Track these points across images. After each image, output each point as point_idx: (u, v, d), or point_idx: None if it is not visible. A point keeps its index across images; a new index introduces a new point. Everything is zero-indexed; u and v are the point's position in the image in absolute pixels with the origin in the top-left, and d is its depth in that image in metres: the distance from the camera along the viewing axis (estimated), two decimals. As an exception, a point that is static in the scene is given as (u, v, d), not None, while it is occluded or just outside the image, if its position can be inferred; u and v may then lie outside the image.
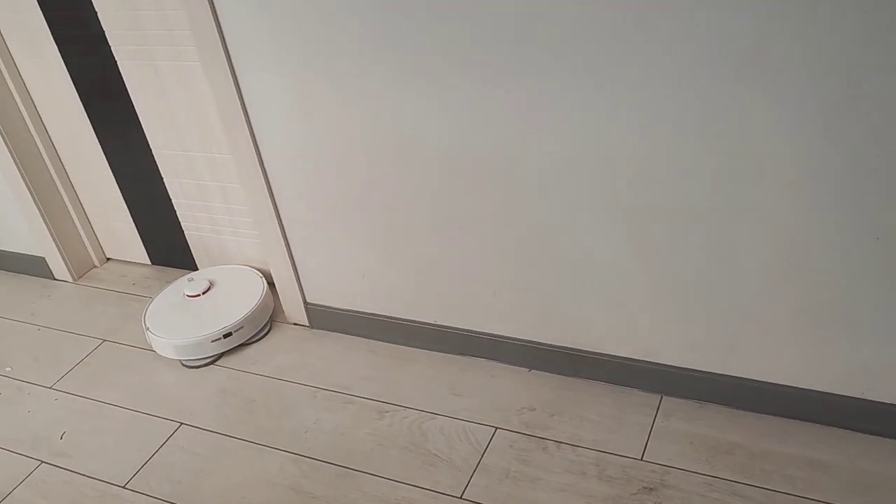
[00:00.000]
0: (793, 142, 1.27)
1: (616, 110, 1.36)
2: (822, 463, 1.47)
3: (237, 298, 2.06)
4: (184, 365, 1.98)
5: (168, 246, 2.33)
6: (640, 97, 1.33)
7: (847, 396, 1.49)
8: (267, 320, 2.07)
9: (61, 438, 1.82)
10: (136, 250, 2.41)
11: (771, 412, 1.58)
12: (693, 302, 1.52)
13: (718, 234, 1.42)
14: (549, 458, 1.57)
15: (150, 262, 2.42)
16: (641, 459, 1.53)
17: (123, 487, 1.67)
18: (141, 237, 2.36)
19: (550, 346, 1.74)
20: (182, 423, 1.81)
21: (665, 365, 1.63)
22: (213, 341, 1.96)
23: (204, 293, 2.09)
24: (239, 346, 2.01)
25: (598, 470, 1.52)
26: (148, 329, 2.00)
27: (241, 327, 1.99)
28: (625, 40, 1.28)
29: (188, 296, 2.09)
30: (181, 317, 2.03)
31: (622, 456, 1.54)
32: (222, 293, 2.10)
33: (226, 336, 1.97)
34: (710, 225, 1.41)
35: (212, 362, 1.98)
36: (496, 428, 1.66)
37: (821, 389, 1.51)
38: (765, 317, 1.48)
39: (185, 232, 2.25)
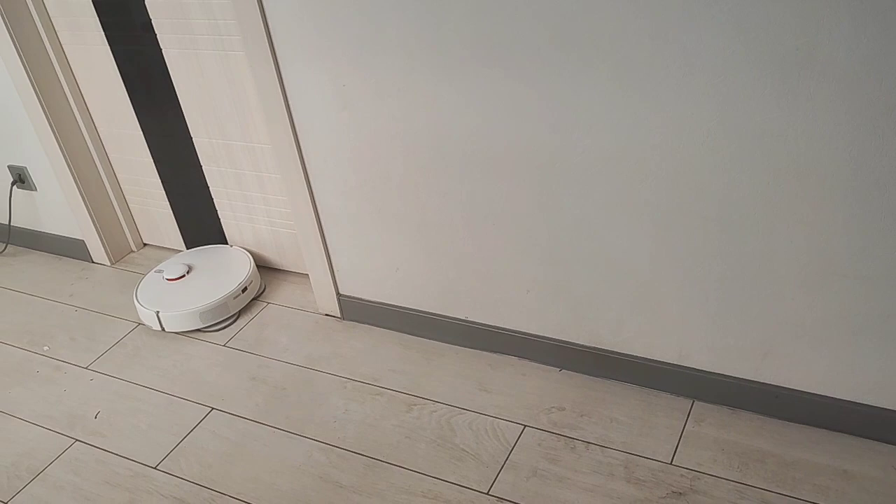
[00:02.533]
0: (836, 144, 1.25)
1: (654, 109, 1.35)
2: (853, 474, 1.45)
3: (227, 268, 2.20)
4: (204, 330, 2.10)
5: (204, 233, 2.36)
6: (680, 96, 1.32)
7: (881, 408, 1.47)
8: (260, 281, 2.24)
9: (96, 418, 1.86)
10: (172, 236, 2.44)
11: (803, 421, 1.56)
12: (727, 306, 1.51)
13: (756, 237, 1.40)
14: (577, 457, 1.57)
15: (185, 249, 2.45)
16: (671, 463, 1.52)
17: (155, 468, 1.70)
18: (178, 223, 2.39)
19: (581, 346, 1.73)
20: (213, 408, 1.83)
21: (697, 369, 1.62)
22: (234, 298, 2.12)
23: (188, 274, 2.21)
24: (270, 334, 2.04)
25: (627, 472, 1.52)
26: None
27: (251, 281, 2.17)
28: (665, 38, 1.28)
29: (168, 279, 2.19)
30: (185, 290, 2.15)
31: (651, 459, 1.54)
32: (209, 269, 2.22)
33: (244, 290, 2.14)
34: (748, 228, 1.40)
35: (231, 323, 2.11)
36: (525, 426, 1.66)
37: (854, 400, 1.49)
38: (800, 323, 1.46)
39: (222, 220, 2.28)
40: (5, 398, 1.96)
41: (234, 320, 2.12)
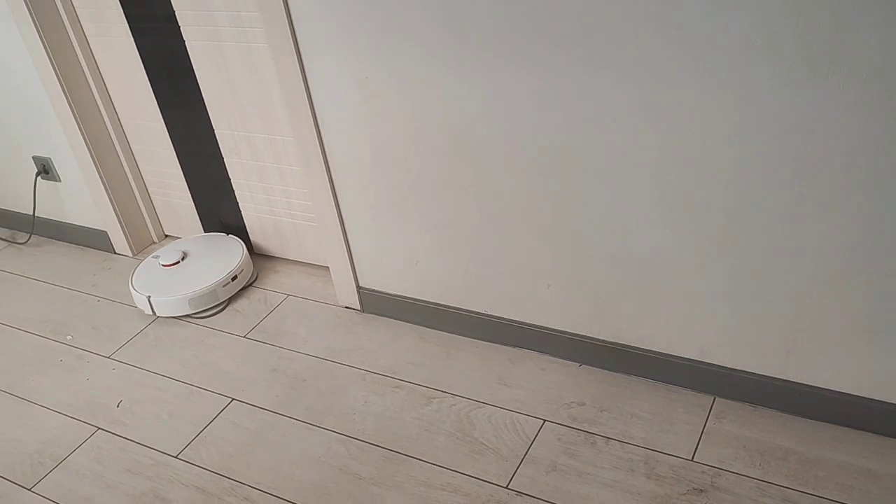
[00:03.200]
0: (867, 140, 1.24)
1: (679, 103, 1.34)
2: (878, 473, 1.43)
3: (221, 255, 2.24)
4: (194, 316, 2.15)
5: (225, 225, 2.37)
6: (704, 90, 1.31)
7: (908, 408, 1.46)
8: (253, 267, 2.30)
9: (118, 407, 1.88)
10: (193, 228, 2.46)
11: (826, 419, 1.54)
12: (750, 302, 1.50)
13: (783, 233, 1.39)
14: (597, 453, 1.56)
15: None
16: (692, 460, 1.51)
17: (176, 458, 1.71)
18: (199, 215, 2.41)
19: (601, 341, 1.73)
20: (233, 399, 1.84)
21: (719, 366, 1.61)
22: (224, 286, 2.16)
23: (182, 260, 2.25)
24: (289, 326, 2.05)
25: (647, 468, 1.51)
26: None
27: (241, 270, 2.21)
28: (690, 31, 1.26)
29: (164, 265, 2.24)
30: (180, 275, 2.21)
31: (672, 455, 1.53)
32: (204, 256, 2.26)
33: (233, 279, 2.18)
34: (771, 223, 1.39)
35: (221, 310, 2.16)
36: (544, 420, 1.65)
37: (879, 398, 1.47)
38: (826, 321, 1.45)
39: (242, 212, 2.29)
40: (29, 386, 1.98)
41: (224, 307, 2.16)
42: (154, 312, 2.15)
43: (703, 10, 1.24)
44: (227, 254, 2.25)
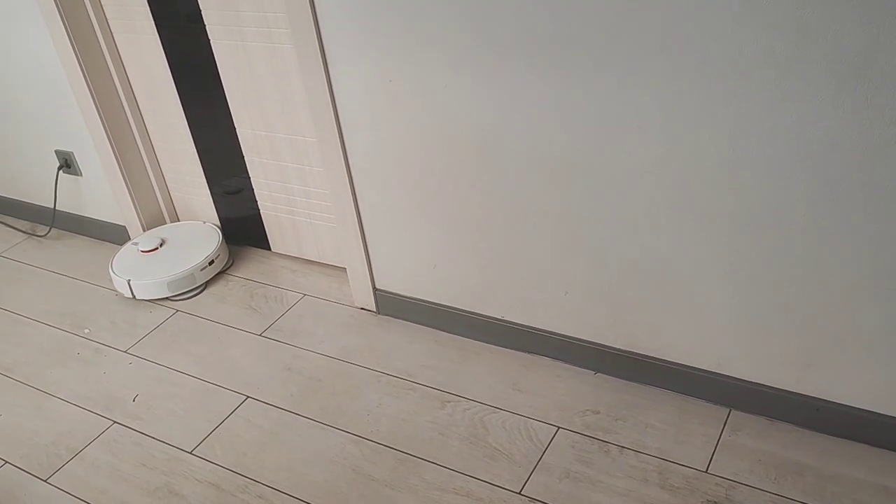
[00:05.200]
0: (892, 153, 1.23)
1: (705, 112, 1.34)
2: (894, 491, 1.42)
3: (197, 241, 2.34)
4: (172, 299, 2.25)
5: (243, 223, 2.39)
6: (731, 100, 1.30)
7: (927, 426, 1.45)
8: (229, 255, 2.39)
9: (134, 401, 1.89)
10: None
11: (844, 435, 1.53)
12: (770, 314, 1.49)
13: (804, 245, 1.38)
14: (611, 461, 1.56)
15: (222, 237, 2.47)
16: (706, 472, 1.51)
17: (190, 453, 1.72)
18: (217, 213, 2.42)
19: (618, 349, 1.72)
20: (248, 397, 1.85)
21: (736, 378, 1.61)
22: (201, 269, 2.26)
23: (160, 246, 2.35)
24: (305, 325, 2.05)
25: (661, 478, 1.51)
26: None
27: (218, 255, 2.32)
28: (719, 40, 1.26)
29: (143, 251, 2.33)
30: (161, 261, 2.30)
31: (686, 466, 1.52)
32: (181, 242, 2.36)
33: (210, 263, 2.28)
34: (795, 236, 1.38)
35: (199, 293, 2.26)
36: (558, 427, 1.65)
37: (899, 416, 1.47)
38: (845, 336, 1.44)
39: (261, 211, 2.31)
40: (47, 378, 2.00)
41: (201, 290, 2.26)
42: (134, 296, 2.22)
43: (729, 23, 1.24)
44: (204, 240, 2.34)
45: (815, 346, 1.48)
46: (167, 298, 2.23)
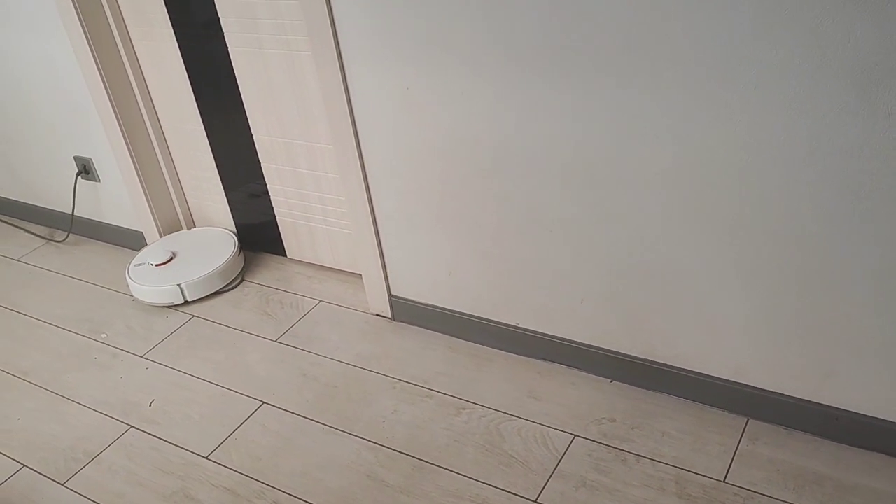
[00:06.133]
0: (914, 167, 1.22)
1: (722, 121, 1.34)
2: (916, 503, 1.41)
3: (214, 246, 2.38)
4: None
5: (259, 230, 2.40)
6: (749, 109, 1.30)
7: (948, 437, 1.43)
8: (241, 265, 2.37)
9: (150, 406, 1.90)
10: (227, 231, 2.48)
11: (863, 445, 1.52)
12: (788, 323, 1.48)
13: (823, 254, 1.38)
14: (627, 470, 1.55)
15: (238, 243, 2.49)
16: (724, 481, 1.50)
17: (206, 458, 1.72)
18: (234, 218, 2.43)
19: (634, 357, 1.72)
20: (264, 402, 1.86)
21: (753, 387, 1.60)
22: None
23: (173, 259, 2.34)
24: (321, 332, 2.06)
25: (678, 487, 1.50)
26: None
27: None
28: (739, 49, 1.26)
29: (154, 265, 2.32)
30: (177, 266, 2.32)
31: (704, 475, 1.51)
32: (198, 247, 2.38)
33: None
34: (814, 244, 1.37)
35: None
36: (574, 435, 1.65)
37: (920, 427, 1.45)
38: (865, 345, 1.43)
39: (277, 217, 2.32)
40: (64, 383, 2.01)
41: (241, 280, 2.33)
42: (186, 299, 2.25)
43: (750, 32, 1.24)
44: (219, 248, 2.36)
45: (833, 356, 1.47)
46: (217, 293, 2.28)
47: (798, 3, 1.18)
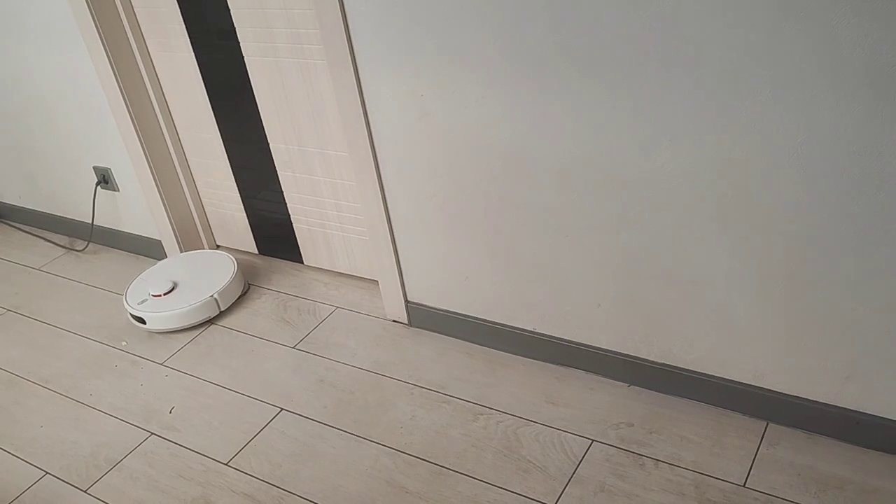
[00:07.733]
0: (933, 168, 1.22)
1: (739, 125, 1.33)
2: (939, 507, 1.39)
3: (215, 266, 2.35)
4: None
5: (276, 237, 2.42)
6: (766, 112, 1.30)
7: (972, 440, 1.42)
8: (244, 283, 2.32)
9: (170, 413, 1.91)
10: (245, 239, 2.50)
11: (885, 448, 1.51)
12: (807, 326, 1.48)
13: (841, 256, 1.37)
14: (646, 475, 1.55)
15: (257, 252, 2.51)
16: (744, 486, 1.49)
17: (226, 465, 1.74)
18: (251, 227, 2.45)
19: (651, 362, 1.71)
20: (283, 409, 1.87)
21: (772, 391, 1.59)
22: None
23: (172, 290, 2.28)
24: (338, 338, 2.07)
25: (698, 492, 1.49)
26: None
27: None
28: (754, 52, 1.26)
29: (154, 295, 2.26)
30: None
31: (723, 480, 1.51)
32: (196, 271, 2.35)
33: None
34: (835, 246, 1.37)
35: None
36: (592, 440, 1.64)
37: (942, 430, 1.44)
38: (886, 348, 1.42)
39: (294, 225, 2.33)
40: (85, 390, 2.03)
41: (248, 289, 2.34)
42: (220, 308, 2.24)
43: (766, 32, 1.23)
44: (219, 270, 2.32)
45: (854, 359, 1.46)
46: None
47: (814, 5, 1.18)
